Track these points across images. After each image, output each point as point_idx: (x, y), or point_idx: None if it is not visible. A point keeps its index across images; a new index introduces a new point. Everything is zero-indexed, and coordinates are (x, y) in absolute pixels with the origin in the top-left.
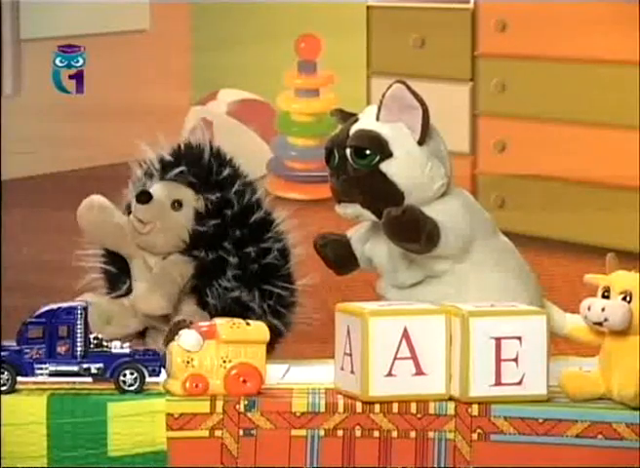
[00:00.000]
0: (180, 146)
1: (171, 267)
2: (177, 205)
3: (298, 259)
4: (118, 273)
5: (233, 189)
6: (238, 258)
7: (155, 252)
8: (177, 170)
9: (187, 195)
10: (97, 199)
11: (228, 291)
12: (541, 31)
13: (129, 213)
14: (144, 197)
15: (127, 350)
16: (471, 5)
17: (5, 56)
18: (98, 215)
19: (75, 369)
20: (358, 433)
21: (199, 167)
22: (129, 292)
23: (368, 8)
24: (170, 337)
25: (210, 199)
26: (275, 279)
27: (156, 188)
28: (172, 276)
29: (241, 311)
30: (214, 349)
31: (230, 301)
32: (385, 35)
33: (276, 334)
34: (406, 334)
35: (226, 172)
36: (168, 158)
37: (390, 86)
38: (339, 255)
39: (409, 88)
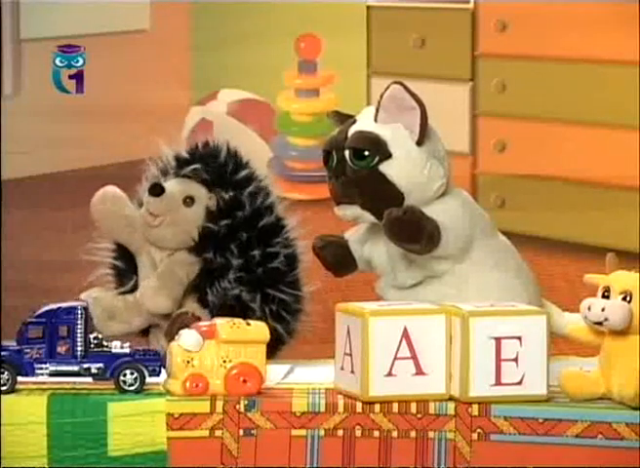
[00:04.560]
0: (197, 145)
1: (178, 267)
2: (188, 201)
3: (305, 266)
4: (126, 269)
5: (247, 191)
6: (243, 261)
7: (163, 246)
8: (192, 166)
9: (200, 192)
10: (110, 190)
11: (229, 290)
12: (541, 31)
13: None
14: (157, 190)
15: (127, 350)
16: (471, 5)
17: (5, 56)
18: (110, 207)
19: (75, 368)
20: (358, 433)
21: (214, 165)
22: (134, 288)
23: (368, 8)
24: (171, 330)
25: (222, 198)
26: (280, 284)
27: (170, 183)
28: (178, 277)
29: (241, 310)
30: (214, 349)
31: (230, 299)
32: (385, 35)
33: (278, 340)
34: (406, 334)
35: (242, 173)
36: (184, 155)
37: (388, 87)
38: (337, 257)
39: (406, 88)
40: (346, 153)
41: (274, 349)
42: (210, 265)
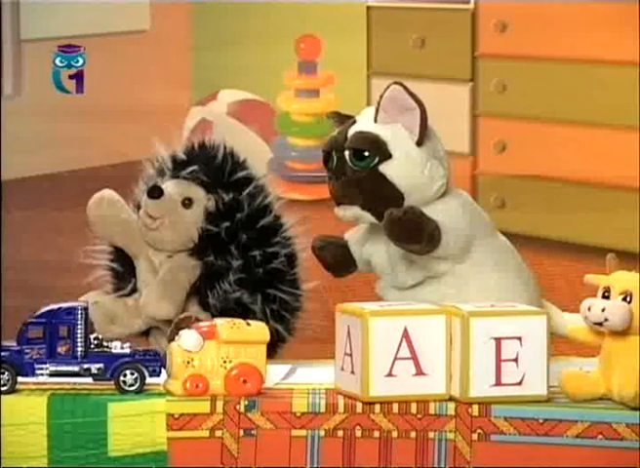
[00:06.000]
0: (193, 145)
1: (179, 272)
2: (187, 202)
3: (303, 264)
4: (124, 272)
5: (245, 191)
6: (243, 262)
7: (162, 249)
8: (190, 168)
9: (199, 194)
10: (107, 194)
11: (230, 293)
12: (541, 31)
13: (139, 212)
14: (156, 192)
15: (127, 350)
16: (471, 5)
17: (5, 56)
18: (106, 210)
19: (75, 369)
20: (358, 433)
21: (212, 166)
22: (133, 291)
23: (368, 8)
24: (175, 332)
25: (221, 199)
26: (280, 283)
27: (168, 185)
28: (181, 281)
29: (242, 312)
30: (214, 349)
31: (231, 302)
32: (385, 35)
33: (279, 339)
34: (406, 335)
35: (239, 173)
36: (181, 156)
37: (387, 87)
38: (336, 258)
39: (406, 89)
40: (346, 154)
41: (275, 347)
42: (210, 268)
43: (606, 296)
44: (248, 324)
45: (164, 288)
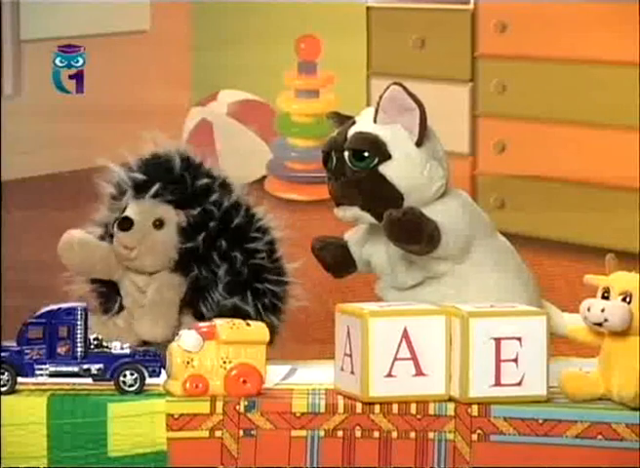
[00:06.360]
0: (147, 160)
1: (167, 291)
2: (158, 224)
3: (298, 263)
4: (108, 292)
5: (211, 199)
6: (227, 265)
7: (145, 272)
8: (152, 190)
9: (167, 212)
10: (76, 235)
11: (223, 300)
12: (541, 32)
13: (107, 233)
14: (126, 224)
15: (127, 351)
16: (471, 5)
17: (5, 56)
18: (79, 253)
19: (75, 369)
20: (358, 433)
21: (173, 182)
22: (120, 309)
23: (368, 8)
24: None
25: (192, 215)
26: (266, 275)
27: (135, 210)
28: (170, 301)
29: (237, 315)
30: (214, 350)
31: (225, 309)
32: (385, 35)
33: (272, 329)
34: (406, 335)
35: (201, 181)
36: (139, 177)
37: (387, 88)
38: (336, 258)
39: (406, 89)
40: (346, 154)
41: (270, 339)
42: (198, 283)
43: (605, 297)
44: (248, 324)
45: (154, 311)
